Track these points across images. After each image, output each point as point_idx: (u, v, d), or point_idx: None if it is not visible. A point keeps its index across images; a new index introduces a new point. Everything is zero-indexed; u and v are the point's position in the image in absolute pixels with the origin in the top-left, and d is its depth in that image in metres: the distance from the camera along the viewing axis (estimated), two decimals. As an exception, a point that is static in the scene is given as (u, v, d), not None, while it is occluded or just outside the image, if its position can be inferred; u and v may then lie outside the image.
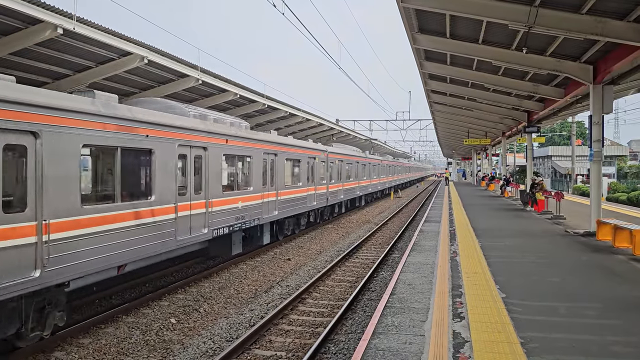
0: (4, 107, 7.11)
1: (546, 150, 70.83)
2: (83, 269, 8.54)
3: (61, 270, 8.01)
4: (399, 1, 12.06)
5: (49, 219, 7.75)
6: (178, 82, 17.79)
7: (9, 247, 7.11)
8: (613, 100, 14.67)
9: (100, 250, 8.87)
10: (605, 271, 10.02)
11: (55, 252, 7.86)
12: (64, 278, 8.17)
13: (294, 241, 19.68)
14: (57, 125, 8.03)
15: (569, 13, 11.40)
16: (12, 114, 7.22)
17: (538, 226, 17.22)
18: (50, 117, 7.88)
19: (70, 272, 8.26)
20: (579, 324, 6.67)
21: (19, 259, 7.24)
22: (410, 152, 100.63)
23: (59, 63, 14.19)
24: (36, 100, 7.68)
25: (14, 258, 7.16)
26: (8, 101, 7.18)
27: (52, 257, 7.77)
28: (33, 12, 10.77)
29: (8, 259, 7.08)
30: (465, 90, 22.76)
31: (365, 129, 51.21)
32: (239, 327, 9.47)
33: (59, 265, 7.95)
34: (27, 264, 7.39)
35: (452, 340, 6.10)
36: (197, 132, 12.37)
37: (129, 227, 9.66)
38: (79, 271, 8.46)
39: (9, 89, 7.37)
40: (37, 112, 7.64)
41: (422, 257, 11.73)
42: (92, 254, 8.70)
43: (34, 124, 7.56)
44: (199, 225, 12.28)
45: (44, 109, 7.79)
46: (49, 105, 7.89)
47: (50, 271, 7.76)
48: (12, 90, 7.40)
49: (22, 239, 7.33)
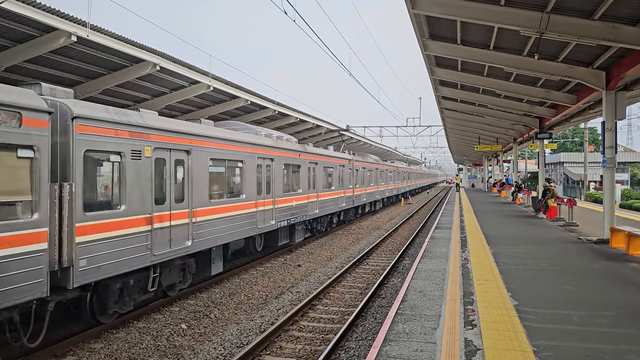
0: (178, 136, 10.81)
1: (558, 157, 70.29)
2: (213, 242, 12.21)
3: (201, 242, 11.52)
4: (409, 8, 12.09)
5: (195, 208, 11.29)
6: (189, 88, 17.94)
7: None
8: (626, 107, 14.56)
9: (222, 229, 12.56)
10: (619, 279, 9.89)
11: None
12: (203, 246, 11.63)
13: (304, 247, 19.67)
14: (200, 146, 11.63)
15: (581, 19, 11.34)
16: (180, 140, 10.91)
17: (550, 233, 17.07)
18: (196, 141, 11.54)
19: (207, 244, 11.83)
20: (592, 332, 6.59)
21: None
22: (421, 158, 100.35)
23: (72, 70, 14.38)
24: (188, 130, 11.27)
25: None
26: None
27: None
28: (48, 20, 10.95)
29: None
30: (476, 96, 22.68)
31: (376, 135, 51.23)
32: (249, 333, 9.47)
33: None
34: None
35: (463, 348, 6.05)
36: (267, 147, 15.85)
37: (247, 213, 14.22)
38: (212, 243, 12.06)
39: (177, 124, 11.09)
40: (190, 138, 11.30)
41: (433, 263, 11.67)
42: (218, 232, 12.36)
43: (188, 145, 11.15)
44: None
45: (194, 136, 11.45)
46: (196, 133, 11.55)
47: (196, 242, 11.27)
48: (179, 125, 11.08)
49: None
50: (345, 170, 26.29)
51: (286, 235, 18.46)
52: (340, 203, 25.03)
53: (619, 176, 51.72)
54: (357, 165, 29.43)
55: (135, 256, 9.40)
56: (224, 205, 12.90)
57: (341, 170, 25.42)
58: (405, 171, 52.46)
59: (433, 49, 15.73)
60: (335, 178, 24.14)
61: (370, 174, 33.53)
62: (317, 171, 21.17)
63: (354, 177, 28.36)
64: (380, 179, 37.35)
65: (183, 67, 15.85)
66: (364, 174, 31.24)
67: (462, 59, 16.34)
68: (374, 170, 34.76)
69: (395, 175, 45.01)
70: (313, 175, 20.68)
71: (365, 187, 31.45)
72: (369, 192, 32.71)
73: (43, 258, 7.41)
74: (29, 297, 7.20)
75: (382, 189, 38.20)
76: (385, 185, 39.24)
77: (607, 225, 14.15)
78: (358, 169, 29.67)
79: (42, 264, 7.39)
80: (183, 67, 15.85)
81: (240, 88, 19.84)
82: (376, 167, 35.58)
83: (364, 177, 31.25)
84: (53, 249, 7.63)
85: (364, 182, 31.34)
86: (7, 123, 6.93)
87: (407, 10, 12.28)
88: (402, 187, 49.70)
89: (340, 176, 25.10)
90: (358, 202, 29.53)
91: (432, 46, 15.56)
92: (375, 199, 35.69)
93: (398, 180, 46.54)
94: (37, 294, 7.32)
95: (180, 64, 15.65)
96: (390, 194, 42.33)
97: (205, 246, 11.93)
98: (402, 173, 49.26)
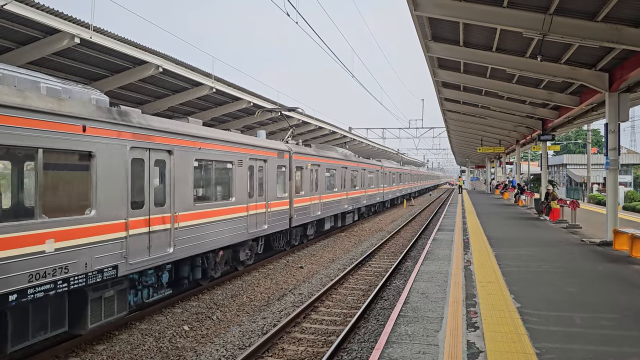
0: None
1: (561, 159, 70.18)
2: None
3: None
4: (412, 9, 12.09)
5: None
6: (192, 90, 17.97)
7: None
8: (629, 108, 14.51)
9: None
10: (622, 281, 9.86)
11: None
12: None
13: (307, 249, 19.67)
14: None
15: (584, 21, 11.33)
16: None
17: (553, 235, 17.02)
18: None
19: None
20: (596, 335, 6.57)
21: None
22: (424, 160, 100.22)
23: (75, 72, 14.41)
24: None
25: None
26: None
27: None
28: (51, 22, 10.97)
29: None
30: (479, 98, 22.67)
31: (378, 137, 51.14)
32: (251, 335, 9.46)
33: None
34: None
35: (466, 351, 6.03)
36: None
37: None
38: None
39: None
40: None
41: (436, 265, 11.64)
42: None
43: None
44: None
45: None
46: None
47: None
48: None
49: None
50: (365, 173, 29.20)
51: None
52: (362, 201, 28.68)
53: (622, 178, 51.60)
54: (374, 169, 31.02)
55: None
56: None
57: (363, 173, 28.75)
58: (408, 172, 51.56)
59: (436, 50, 15.73)
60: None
61: (385, 176, 33.62)
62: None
63: (377, 178, 31.71)
64: (392, 180, 36.94)
65: (186, 69, 15.87)
66: (378, 176, 31.76)
67: (464, 60, 16.33)
68: (388, 174, 34.26)
69: (402, 177, 43.53)
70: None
71: (381, 187, 32.75)
72: (385, 192, 33.55)
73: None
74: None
75: (395, 189, 37.20)
76: (396, 186, 38.14)
77: (610, 227, 14.11)
78: (373, 172, 30.80)
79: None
80: (186, 69, 15.87)
81: (243, 90, 19.86)
82: (388, 170, 34.68)
83: (379, 179, 32.10)
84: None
85: (379, 183, 32.76)
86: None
87: (410, 12, 12.29)
88: (405, 189, 48.05)
89: (361, 177, 28.61)
90: (371, 201, 31.42)
91: (435, 48, 15.56)
92: (386, 199, 36.57)
93: (402, 182, 45.33)
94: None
95: (183, 66, 15.67)
96: (393, 196, 40.24)
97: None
98: (403, 174, 47.94)
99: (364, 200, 29.63)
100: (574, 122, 24.85)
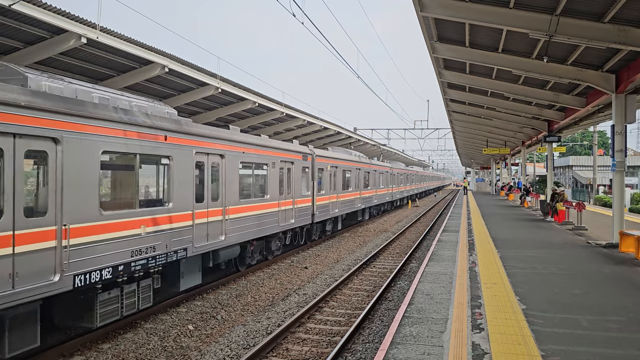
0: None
1: (567, 160, 69.81)
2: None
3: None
4: (418, 10, 12.08)
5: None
6: (197, 90, 18.00)
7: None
8: (636, 110, 14.45)
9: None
10: (628, 283, 9.81)
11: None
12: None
13: (311, 249, 19.67)
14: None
15: (591, 22, 11.29)
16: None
17: (559, 237, 16.96)
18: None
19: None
20: (601, 337, 6.53)
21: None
22: (428, 160, 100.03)
23: (81, 72, 14.46)
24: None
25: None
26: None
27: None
28: (58, 22, 11.02)
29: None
30: (485, 99, 22.61)
31: (383, 138, 51.07)
32: (256, 335, 9.47)
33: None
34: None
35: (471, 352, 6.02)
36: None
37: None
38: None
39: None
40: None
41: (441, 267, 11.63)
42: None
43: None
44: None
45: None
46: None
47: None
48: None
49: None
50: (379, 174, 30.89)
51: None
52: (374, 199, 30.32)
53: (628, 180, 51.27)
54: (383, 170, 32.43)
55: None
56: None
57: (378, 174, 30.43)
58: (414, 173, 51.44)
59: (441, 51, 15.71)
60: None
61: (394, 177, 34.91)
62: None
63: (387, 179, 33.83)
64: (399, 181, 37.80)
65: (191, 69, 15.90)
66: (388, 177, 32.92)
67: (470, 61, 16.30)
68: (397, 175, 35.51)
69: (408, 178, 43.63)
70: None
71: (389, 188, 34.20)
72: (390, 192, 34.75)
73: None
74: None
75: (401, 189, 37.99)
76: (404, 186, 38.87)
77: (617, 229, 14.04)
78: (383, 173, 32.29)
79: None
80: (191, 69, 15.90)
81: (248, 90, 19.88)
82: (397, 172, 36.02)
83: (388, 179, 33.29)
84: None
85: (388, 183, 33.56)
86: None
87: (416, 12, 12.28)
88: (411, 190, 48.28)
89: (377, 178, 31.24)
90: (380, 200, 32.55)
91: (441, 49, 15.54)
92: (394, 199, 37.81)
93: (409, 182, 45.35)
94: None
95: (188, 66, 15.70)
96: (400, 196, 40.60)
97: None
98: (410, 175, 47.82)
99: (374, 200, 31.21)
100: (580, 123, 24.77)
